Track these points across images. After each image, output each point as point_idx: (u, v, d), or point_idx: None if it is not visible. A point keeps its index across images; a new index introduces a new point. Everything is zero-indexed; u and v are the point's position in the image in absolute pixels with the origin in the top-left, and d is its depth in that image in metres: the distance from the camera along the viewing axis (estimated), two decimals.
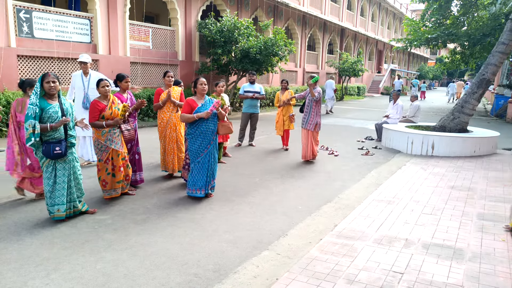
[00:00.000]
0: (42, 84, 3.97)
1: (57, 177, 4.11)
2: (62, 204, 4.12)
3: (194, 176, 5.01)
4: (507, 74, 20.09)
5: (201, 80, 5.02)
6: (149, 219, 4.37)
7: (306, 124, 7.25)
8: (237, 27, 13.75)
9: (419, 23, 18.19)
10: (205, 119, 4.88)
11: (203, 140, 4.94)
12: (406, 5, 42.63)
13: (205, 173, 5.00)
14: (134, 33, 12.68)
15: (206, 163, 4.99)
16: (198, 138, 4.94)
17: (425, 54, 53.46)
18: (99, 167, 4.79)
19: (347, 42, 30.09)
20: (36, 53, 9.94)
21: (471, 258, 3.46)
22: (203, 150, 4.96)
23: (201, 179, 5.00)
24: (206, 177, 5.01)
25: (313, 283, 2.99)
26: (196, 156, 4.97)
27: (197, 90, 5.01)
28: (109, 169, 4.77)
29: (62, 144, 4.02)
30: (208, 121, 4.94)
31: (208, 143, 4.97)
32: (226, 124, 5.12)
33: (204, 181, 5.01)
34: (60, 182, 4.12)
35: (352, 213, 4.57)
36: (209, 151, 4.99)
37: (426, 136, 8.30)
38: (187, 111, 4.92)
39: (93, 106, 4.66)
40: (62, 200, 4.12)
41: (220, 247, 3.69)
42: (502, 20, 14.22)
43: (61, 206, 4.12)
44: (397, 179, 6.20)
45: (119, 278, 3.10)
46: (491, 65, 8.79)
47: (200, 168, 4.98)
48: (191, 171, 5.05)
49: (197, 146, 4.95)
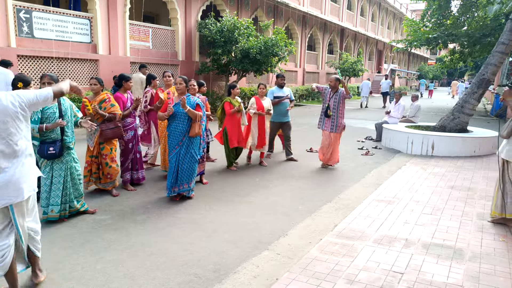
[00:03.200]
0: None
1: (53, 178, 4.11)
2: (57, 204, 4.11)
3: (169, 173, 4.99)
4: (507, 74, 20.08)
5: (178, 78, 4.93)
6: (149, 219, 4.37)
7: (335, 127, 6.74)
8: (237, 27, 13.75)
9: (419, 24, 18.19)
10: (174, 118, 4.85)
11: (172, 140, 4.90)
12: (406, 5, 42.66)
13: (171, 174, 4.90)
14: (134, 33, 12.68)
15: (173, 164, 4.90)
16: (169, 137, 4.96)
17: (425, 54, 53.46)
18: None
19: (347, 42, 30.10)
20: (36, 53, 9.94)
21: (471, 258, 3.46)
22: (171, 150, 4.93)
23: (168, 179, 4.95)
24: (171, 178, 4.89)
25: (313, 283, 2.99)
26: (170, 153, 4.98)
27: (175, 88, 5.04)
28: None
29: (56, 145, 4.00)
30: (178, 121, 4.86)
31: (177, 143, 4.88)
32: (194, 126, 4.88)
33: (169, 181, 4.91)
34: (55, 183, 4.11)
35: (352, 213, 4.57)
36: (177, 151, 4.89)
37: (426, 136, 8.30)
38: (162, 110, 4.94)
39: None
40: (56, 200, 4.11)
41: (220, 247, 3.69)
42: (502, 20, 14.21)
43: (55, 207, 4.11)
44: (397, 179, 6.20)
45: (119, 278, 3.10)
46: (491, 65, 8.78)
47: (173, 166, 4.91)
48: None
49: (169, 143, 4.97)
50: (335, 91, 6.76)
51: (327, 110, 6.72)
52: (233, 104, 6.46)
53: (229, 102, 6.47)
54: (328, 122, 6.78)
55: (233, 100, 6.52)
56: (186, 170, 4.93)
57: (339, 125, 6.76)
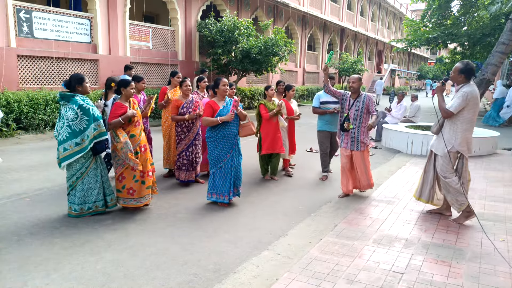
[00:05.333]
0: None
1: (102, 171, 4.53)
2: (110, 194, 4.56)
3: (216, 182, 4.75)
4: (507, 74, 20.08)
5: (223, 81, 4.73)
6: (149, 219, 4.36)
7: (358, 144, 5.06)
8: (237, 27, 13.75)
9: (419, 23, 18.20)
10: (227, 122, 4.64)
11: (225, 144, 4.69)
12: (406, 5, 42.65)
13: (229, 179, 4.72)
14: (134, 33, 12.68)
15: (229, 169, 4.72)
16: (220, 142, 4.68)
17: (425, 54, 53.47)
18: (124, 175, 4.42)
19: (347, 42, 30.10)
20: (36, 53, 9.94)
21: (471, 258, 3.45)
22: (225, 155, 4.71)
23: (225, 186, 4.73)
24: (230, 183, 4.72)
25: (313, 283, 2.99)
26: (217, 162, 4.72)
27: (219, 91, 4.75)
28: (137, 176, 4.45)
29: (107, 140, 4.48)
30: (230, 124, 4.68)
31: (231, 147, 4.72)
32: (247, 125, 4.96)
33: (227, 187, 4.72)
34: (104, 175, 4.51)
35: (352, 213, 4.57)
36: (231, 155, 4.74)
37: (426, 136, 8.29)
38: (208, 114, 4.65)
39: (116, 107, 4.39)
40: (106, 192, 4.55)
41: (220, 247, 3.69)
42: (502, 20, 14.22)
43: (109, 197, 4.55)
44: (397, 179, 6.20)
45: (119, 278, 3.10)
46: (491, 65, 8.80)
47: (223, 174, 4.71)
48: (212, 177, 4.78)
49: (218, 151, 4.69)
50: (357, 95, 5.06)
51: (344, 122, 5.06)
52: (268, 107, 5.90)
53: (264, 105, 5.91)
54: (347, 137, 5.12)
55: (268, 103, 5.94)
56: (240, 172, 4.87)
57: (363, 140, 5.07)
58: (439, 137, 4.35)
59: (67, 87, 4.17)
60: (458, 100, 4.06)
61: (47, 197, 4.98)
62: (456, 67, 4.23)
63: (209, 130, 4.74)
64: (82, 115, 4.06)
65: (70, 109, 4.05)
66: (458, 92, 4.16)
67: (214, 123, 4.61)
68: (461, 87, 4.17)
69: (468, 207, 4.26)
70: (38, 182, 5.61)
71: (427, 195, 4.59)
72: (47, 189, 5.33)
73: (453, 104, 4.08)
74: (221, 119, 4.58)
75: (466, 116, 4.11)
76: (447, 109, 4.12)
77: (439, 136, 4.35)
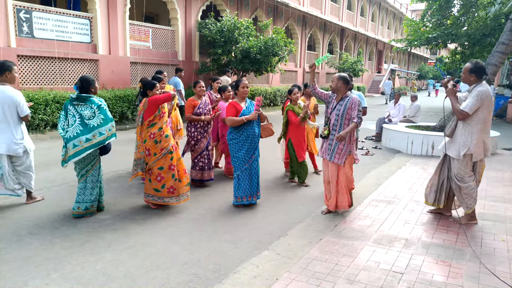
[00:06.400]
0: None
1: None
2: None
3: (241, 185, 4.73)
4: (507, 74, 20.08)
5: (244, 82, 4.82)
6: (149, 219, 4.37)
7: (334, 154, 4.39)
8: (237, 27, 13.76)
9: (419, 23, 18.20)
10: (251, 122, 4.69)
11: (250, 145, 4.69)
12: (406, 5, 42.65)
13: (255, 180, 4.76)
14: (134, 33, 12.68)
15: (254, 169, 4.75)
16: (245, 143, 4.68)
17: (425, 54, 53.48)
18: (163, 175, 4.51)
19: (347, 42, 30.10)
20: (36, 53, 9.94)
21: (471, 258, 3.46)
22: (250, 156, 4.70)
23: (252, 186, 4.76)
24: (252, 184, 4.74)
25: (313, 283, 2.99)
26: (243, 163, 4.70)
27: (239, 93, 4.83)
28: (176, 175, 4.60)
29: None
30: (253, 124, 4.74)
31: (255, 147, 4.74)
32: (267, 126, 4.99)
33: (254, 187, 4.76)
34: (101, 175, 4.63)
35: (352, 213, 4.57)
36: (256, 156, 4.76)
37: (426, 136, 8.29)
38: (233, 114, 4.66)
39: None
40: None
41: (220, 247, 3.69)
42: (502, 20, 14.22)
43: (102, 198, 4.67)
44: (397, 179, 6.20)
45: (119, 278, 3.10)
46: (491, 65, 8.78)
47: (249, 175, 4.72)
48: (236, 180, 4.75)
49: (244, 152, 4.68)
50: (341, 97, 4.42)
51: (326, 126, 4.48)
52: (295, 111, 5.70)
53: (292, 110, 5.73)
54: (325, 145, 4.51)
55: (295, 107, 5.75)
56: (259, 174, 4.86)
57: (340, 151, 4.37)
58: (453, 139, 4.19)
59: (80, 89, 4.30)
60: (472, 100, 3.93)
61: (47, 197, 4.98)
62: (466, 67, 4.13)
63: (232, 132, 4.73)
64: (99, 114, 4.26)
65: (87, 108, 4.23)
66: (472, 92, 4.03)
67: (239, 123, 4.65)
68: (474, 87, 4.05)
69: (474, 212, 4.22)
70: (38, 182, 5.60)
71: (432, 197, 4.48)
72: (47, 189, 5.34)
73: (468, 105, 3.94)
74: (246, 118, 4.63)
75: (481, 116, 3.99)
76: (462, 110, 3.97)
77: (453, 138, 4.19)
